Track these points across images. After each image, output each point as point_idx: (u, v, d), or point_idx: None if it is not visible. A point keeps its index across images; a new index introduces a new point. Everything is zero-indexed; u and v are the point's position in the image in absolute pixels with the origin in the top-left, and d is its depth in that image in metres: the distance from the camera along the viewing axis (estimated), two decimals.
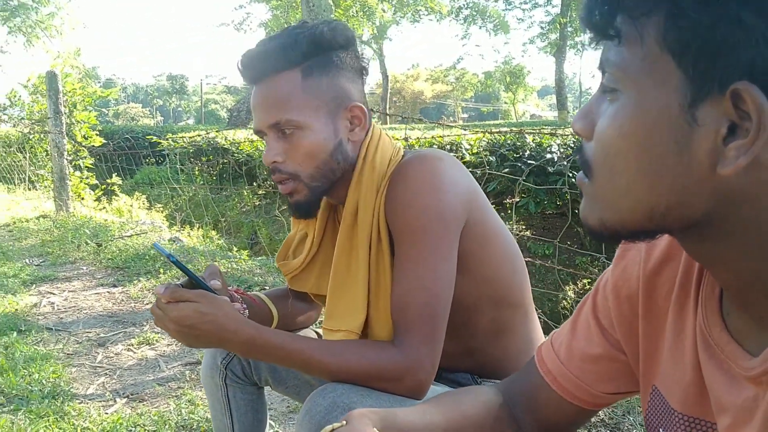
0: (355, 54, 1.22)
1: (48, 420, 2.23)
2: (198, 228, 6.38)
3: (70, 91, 7.87)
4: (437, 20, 35.75)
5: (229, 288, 1.32)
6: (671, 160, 0.56)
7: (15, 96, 9.91)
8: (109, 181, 8.05)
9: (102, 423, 2.23)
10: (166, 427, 2.20)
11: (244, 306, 1.31)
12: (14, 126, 9.78)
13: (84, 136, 7.91)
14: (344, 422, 0.78)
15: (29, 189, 8.96)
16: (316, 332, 1.48)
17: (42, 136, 8.08)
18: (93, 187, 7.96)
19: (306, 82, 1.17)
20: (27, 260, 4.89)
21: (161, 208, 8.12)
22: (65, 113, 7.44)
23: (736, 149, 0.53)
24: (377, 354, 1.12)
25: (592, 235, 0.64)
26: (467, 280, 1.21)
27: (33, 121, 8.66)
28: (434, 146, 6.15)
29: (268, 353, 1.14)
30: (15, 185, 9.43)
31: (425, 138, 6.56)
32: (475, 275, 1.22)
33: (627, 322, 0.79)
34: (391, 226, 1.18)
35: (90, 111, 8.16)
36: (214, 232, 6.59)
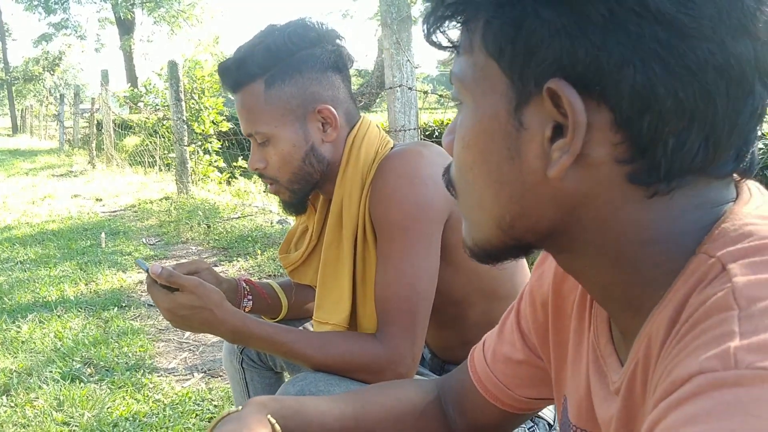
0: (325, 49, 1.21)
1: (125, 391, 2.42)
2: None
3: (199, 78, 8.31)
4: None
5: (239, 278, 1.38)
6: (506, 168, 0.54)
7: (150, 84, 10.60)
8: (234, 164, 8.43)
9: (173, 396, 2.39)
10: (230, 402, 2.31)
11: (249, 298, 1.36)
12: (147, 113, 10.47)
13: (212, 122, 8.33)
14: (240, 408, 0.81)
15: (160, 172, 9.57)
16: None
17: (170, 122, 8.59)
18: (221, 170, 8.38)
19: (268, 93, 1.18)
20: (144, 239, 5.26)
21: None
22: (194, 99, 7.87)
23: (559, 149, 0.50)
24: (359, 346, 1.15)
25: (474, 256, 0.62)
26: (455, 273, 1.21)
27: (157, 108, 9.22)
28: None
29: (254, 343, 1.19)
30: (149, 168, 10.10)
31: None
32: (462, 267, 1.21)
33: (542, 330, 0.77)
34: (373, 221, 1.19)
35: (217, 97, 8.57)
36: None
